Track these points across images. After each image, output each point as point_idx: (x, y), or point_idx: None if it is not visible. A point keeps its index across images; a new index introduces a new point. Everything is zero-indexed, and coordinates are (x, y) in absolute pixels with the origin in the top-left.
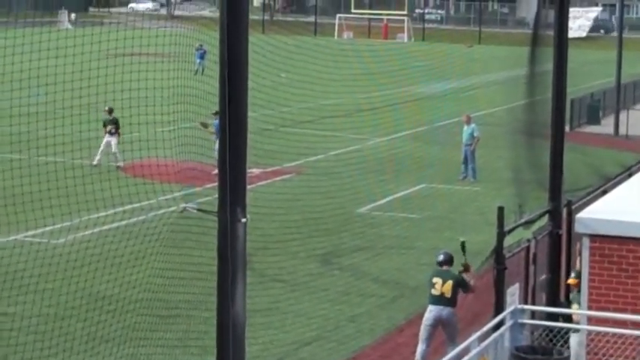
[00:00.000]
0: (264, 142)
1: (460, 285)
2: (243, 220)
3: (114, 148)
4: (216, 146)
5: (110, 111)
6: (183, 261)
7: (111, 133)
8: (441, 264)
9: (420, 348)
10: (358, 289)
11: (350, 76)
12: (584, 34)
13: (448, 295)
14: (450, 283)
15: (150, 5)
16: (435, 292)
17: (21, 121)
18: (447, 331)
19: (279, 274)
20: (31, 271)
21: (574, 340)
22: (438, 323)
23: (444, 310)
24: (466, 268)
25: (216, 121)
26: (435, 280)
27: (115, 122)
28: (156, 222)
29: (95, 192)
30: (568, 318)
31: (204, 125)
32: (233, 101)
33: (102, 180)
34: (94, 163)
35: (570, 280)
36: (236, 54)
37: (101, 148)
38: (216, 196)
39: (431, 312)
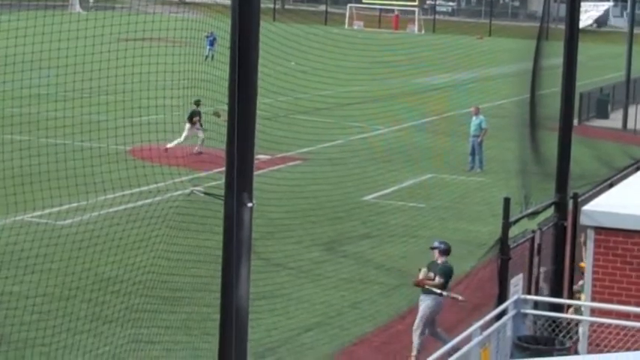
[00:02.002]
0: (272, 128)
1: (448, 275)
2: (250, 204)
3: (201, 135)
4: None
5: (197, 103)
6: (188, 244)
7: (194, 123)
8: (441, 253)
9: (421, 338)
10: (362, 276)
11: (359, 65)
12: (590, 22)
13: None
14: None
15: None
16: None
17: (30, 102)
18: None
19: (283, 260)
20: (36, 251)
21: (581, 330)
22: (437, 313)
23: (439, 299)
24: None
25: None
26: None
27: (199, 114)
28: (162, 205)
29: (103, 174)
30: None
31: (217, 115)
32: (242, 86)
33: (110, 162)
34: (169, 146)
35: (582, 264)
36: (247, 39)
37: (184, 136)
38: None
39: (433, 300)
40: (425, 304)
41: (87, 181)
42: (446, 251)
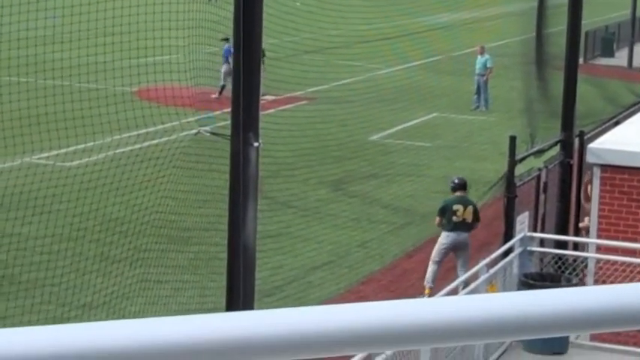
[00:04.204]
0: (278, 68)
1: (477, 212)
2: (256, 144)
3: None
4: (223, 70)
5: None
6: (195, 183)
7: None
8: (454, 189)
9: (432, 268)
10: (369, 215)
11: (364, 4)
12: None
13: (469, 220)
14: (470, 208)
15: None
16: (457, 218)
17: (28, 44)
18: (461, 256)
19: (290, 199)
20: (44, 192)
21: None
22: (454, 248)
23: (462, 235)
24: None
25: (226, 46)
26: (456, 207)
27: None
28: (169, 145)
29: (110, 115)
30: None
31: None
32: (247, 26)
33: (116, 103)
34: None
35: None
36: None
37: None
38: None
39: (449, 237)
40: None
41: (93, 122)
42: (464, 186)
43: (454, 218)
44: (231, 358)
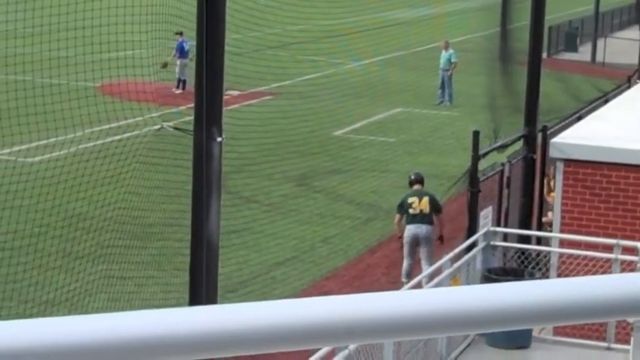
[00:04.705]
0: (242, 63)
1: (434, 202)
2: (219, 139)
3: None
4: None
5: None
6: (159, 179)
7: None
8: (412, 183)
9: (406, 263)
10: (333, 210)
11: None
12: None
13: (426, 211)
14: (425, 199)
15: None
16: (413, 210)
17: None
18: (424, 250)
19: (254, 195)
20: (6, 187)
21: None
22: (416, 241)
23: (422, 228)
24: None
25: (180, 41)
26: (411, 199)
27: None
28: (132, 140)
29: (72, 110)
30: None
31: (164, 65)
32: (211, 21)
33: (78, 98)
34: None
35: (551, 194)
36: None
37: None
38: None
39: (409, 230)
40: None
41: (56, 117)
42: (421, 180)
43: (410, 211)
44: (188, 352)
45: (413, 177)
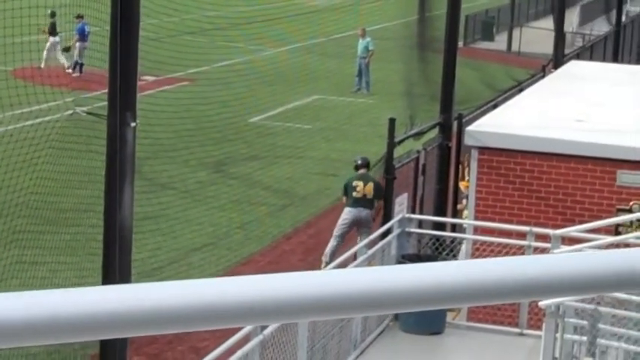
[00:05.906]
0: (158, 49)
1: (378, 188)
2: (133, 124)
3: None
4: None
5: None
6: (72, 164)
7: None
8: (357, 167)
9: (332, 243)
10: (249, 197)
11: None
12: None
13: (370, 196)
14: (370, 184)
15: None
16: (357, 194)
17: None
18: (363, 233)
19: (169, 181)
20: None
21: (464, 248)
22: (355, 224)
23: (363, 212)
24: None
25: (79, 25)
26: (355, 183)
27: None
28: (45, 125)
29: None
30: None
31: (67, 49)
32: (125, 5)
33: None
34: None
35: (464, 183)
36: None
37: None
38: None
39: (350, 212)
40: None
41: None
42: (367, 165)
43: (354, 194)
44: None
45: (360, 161)
